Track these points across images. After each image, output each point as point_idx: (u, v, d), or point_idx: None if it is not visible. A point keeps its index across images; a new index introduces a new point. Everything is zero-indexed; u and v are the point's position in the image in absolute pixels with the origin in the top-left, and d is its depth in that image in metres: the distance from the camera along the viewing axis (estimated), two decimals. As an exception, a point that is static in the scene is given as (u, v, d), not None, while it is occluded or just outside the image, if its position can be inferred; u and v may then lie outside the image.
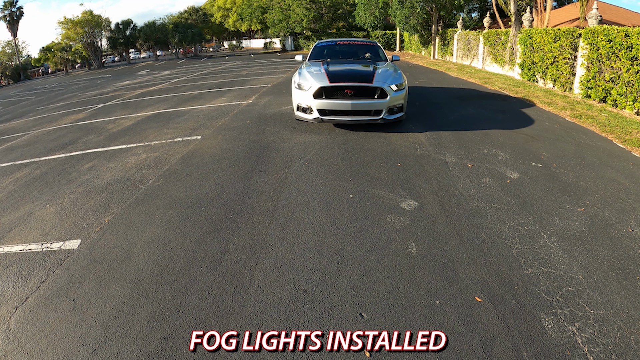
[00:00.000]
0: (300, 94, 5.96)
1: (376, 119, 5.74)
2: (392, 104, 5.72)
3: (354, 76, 5.95)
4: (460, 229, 3.13)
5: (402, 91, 5.83)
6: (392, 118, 5.84)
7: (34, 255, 3.14)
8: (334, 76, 5.85)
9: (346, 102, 5.66)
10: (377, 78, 5.74)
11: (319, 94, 5.75)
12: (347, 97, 5.72)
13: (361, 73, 6.09)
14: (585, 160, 4.55)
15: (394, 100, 5.71)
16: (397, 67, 6.59)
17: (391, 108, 5.76)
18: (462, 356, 1.99)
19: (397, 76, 6.00)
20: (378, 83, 5.62)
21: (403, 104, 5.93)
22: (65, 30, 39.35)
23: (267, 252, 2.94)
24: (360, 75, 5.94)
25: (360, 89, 5.68)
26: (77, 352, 2.14)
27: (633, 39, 6.69)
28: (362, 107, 5.69)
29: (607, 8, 18.22)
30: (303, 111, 6.06)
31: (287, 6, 33.14)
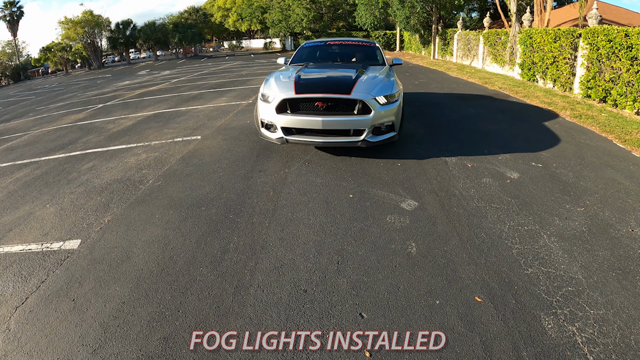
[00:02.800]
0: (264, 107, 4.74)
1: (355, 140, 4.43)
2: (378, 122, 4.43)
3: (329, 85, 4.69)
4: (460, 229, 3.13)
5: (394, 105, 4.57)
6: (378, 140, 4.50)
7: (34, 255, 3.14)
8: (302, 85, 4.63)
9: (315, 119, 4.37)
10: (359, 87, 4.48)
11: (283, 107, 4.56)
12: (318, 113, 4.44)
13: (339, 81, 4.80)
14: (585, 160, 4.55)
15: (381, 116, 4.43)
16: (392, 73, 5.41)
17: (377, 127, 4.50)
18: (462, 356, 1.99)
19: (388, 84, 4.74)
20: (358, 94, 4.37)
21: (394, 122, 4.59)
22: (65, 30, 39.36)
23: (267, 252, 2.94)
24: (336, 84, 4.67)
25: (336, 102, 4.42)
26: (77, 352, 2.14)
27: (633, 39, 6.69)
28: (336, 125, 4.39)
29: (607, 8, 18.22)
30: (267, 128, 4.84)
31: (287, 6, 33.13)
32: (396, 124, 4.66)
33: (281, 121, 4.55)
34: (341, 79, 4.86)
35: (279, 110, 4.56)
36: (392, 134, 4.66)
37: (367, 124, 4.40)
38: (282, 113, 4.55)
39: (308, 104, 4.50)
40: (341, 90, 4.44)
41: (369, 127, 4.42)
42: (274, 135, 4.72)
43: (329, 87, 4.59)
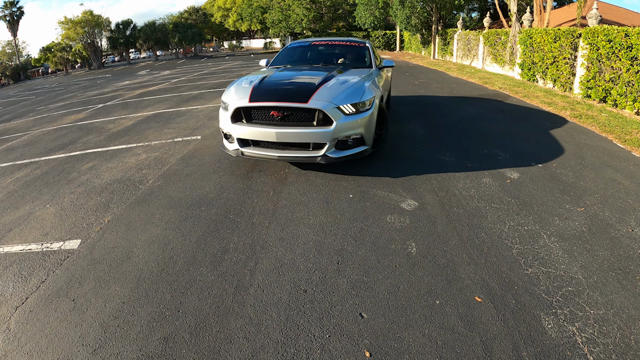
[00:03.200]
0: (222, 115, 4.32)
1: (314, 156, 3.88)
2: (341, 134, 3.86)
3: (286, 92, 4.14)
4: (460, 229, 3.13)
5: (364, 114, 3.97)
6: (343, 156, 3.94)
7: (34, 255, 3.14)
8: (258, 93, 4.13)
9: (269, 131, 3.90)
10: (321, 95, 3.92)
11: (238, 116, 4.15)
12: (274, 123, 3.96)
13: (299, 87, 4.26)
14: (585, 160, 4.55)
15: (345, 128, 3.85)
16: (374, 76, 4.81)
17: (342, 140, 3.93)
18: (462, 356, 1.99)
19: (358, 90, 4.10)
20: (317, 102, 3.81)
21: (363, 135, 4.00)
22: (66, 30, 39.39)
23: (267, 252, 2.94)
24: (294, 91, 4.13)
25: (293, 111, 3.91)
26: (77, 352, 2.14)
27: (633, 39, 6.69)
28: (291, 137, 3.88)
29: (607, 8, 18.22)
30: (226, 139, 4.41)
31: (287, 6, 33.14)
32: (367, 137, 4.06)
33: (236, 132, 4.12)
34: (303, 85, 4.26)
35: (234, 120, 4.15)
36: (362, 148, 4.07)
37: (327, 137, 3.80)
38: (237, 123, 4.14)
39: (263, 114, 4.02)
40: (298, 98, 3.89)
41: (330, 140, 3.83)
42: (231, 146, 4.32)
43: (285, 95, 4.03)
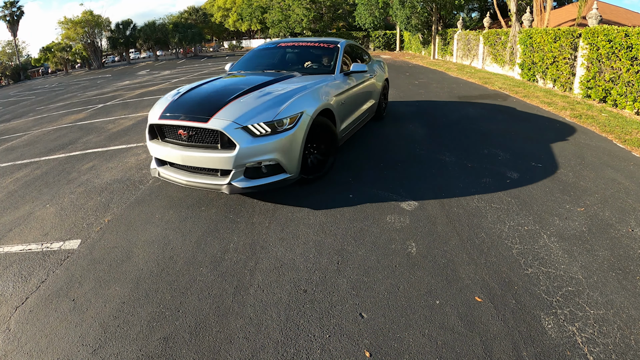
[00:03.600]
0: None
1: (219, 184, 3.33)
2: (248, 160, 3.24)
3: (193, 108, 3.54)
4: (460, 229, 3.13)
5: (282, 135, 3.30)
6: (253, 185, 3.32)
7: (34, 255, 3.14)
8: (173, 107, 3.64)
9: (176, 152, 3.45)
10: (227, 111, 3.33)
11: (153, 133, 3.74)
12: (181, 144, 3.49)
13: (209, 101, 3.60)
14: (585, 160, 4.54)
15: (253, 152, 3.22)
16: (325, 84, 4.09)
17: (253, 168, 3.32)
18: (462, 356, 1.99)
19: (279, 104, 3.41)
20: (218, 121, 3.24)
21: (279, 160, 3.33)
22: (66, 30, 39.39)
23: (267, 252, 2.94)
24: (200, 106, 3.52)
25: (197, 131, 3.39)
26: (77, 352, 2.14)
27: (633, 39, 6.69)
28: (195, 161, 3.38)
29: (607, 8, 18.22)
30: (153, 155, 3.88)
31: (287, 6, 33.13)
32: (286, 163, 3.38)
33: (152, 150, 3.73)
34: (213, 100, 3.62)
35: (151, 136, 3.75)
36: (281, 177, 3.40)
37: (230, 163, 3.21)
38: (153, 140, 3.74)
39: (173, 132, 3.56)
40: (200, 116, 3.34)
41: (234, 167, 3.24)
42: (152, 165, 3.90)
43: (190, 112, 3.46)
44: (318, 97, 3.83)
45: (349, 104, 4.67)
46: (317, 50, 5.26)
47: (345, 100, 4.51)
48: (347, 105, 4.59)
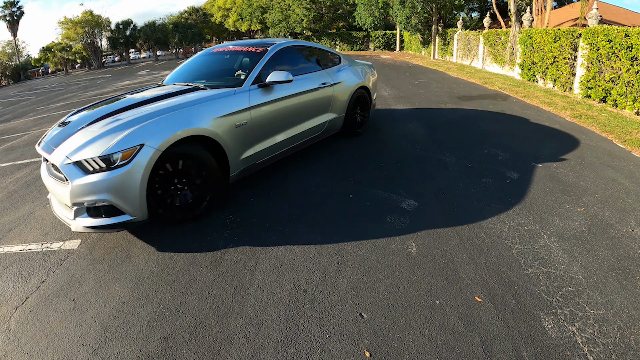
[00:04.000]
0: None
1: (69, 220, 3.00)
2: (81, 199, 2.83)
3: (55, 136, 3.23)
4: (460, 229, 3.13)
5: (115, 172, 2.79)
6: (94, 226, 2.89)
7: (34, 255, 3.14)
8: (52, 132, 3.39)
9: (45, 179, 3.23)
10: (71, 141, 2.99)
11: None
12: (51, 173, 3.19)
13: (67, 128, 3.24)
14: (585, 160, 4.54)
15: (83, 191, 2.80)
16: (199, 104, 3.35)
17: (93, 206, 2.86)
18: (462, 356, 1.99)
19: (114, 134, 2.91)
20: (57, 155, 2.94)
21: (112, 202, 2.83)
22: (66, 30, 39.40)
23: (267, 252, 2.94)
24: (59, 135, 3.20)
25: None
26: (77, 352, 2.14)
27: (633, 39, 6.69)
28: (54, 193, 3.13)
29: (607, 8, 18.22)
30: None
31: (287, 6, 33.13)
32: (124, 205, 2.86)
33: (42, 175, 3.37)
34: (71, 126, 3.24)
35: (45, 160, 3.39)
36: (120, 219, 2.90)
37: (67, 199, 2.87)
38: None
39: None
40: (52, 146, 3.08)
41: (72, 204, 2.88)
42: None
43: (50, 139, 3.20)
44: (179, 122, 3.10)
45: (265, 124, 3.82)
46: (245, 56, 4.47)
47: (255, 119, 3.68)
48: (260, 126, 3.76)
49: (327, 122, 4.94)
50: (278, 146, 4.11)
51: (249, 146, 3.70)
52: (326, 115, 4.93)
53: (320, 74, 4.87)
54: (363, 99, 5.67)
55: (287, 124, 4.22)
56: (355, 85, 5.35)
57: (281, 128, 4.14)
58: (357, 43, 32.23)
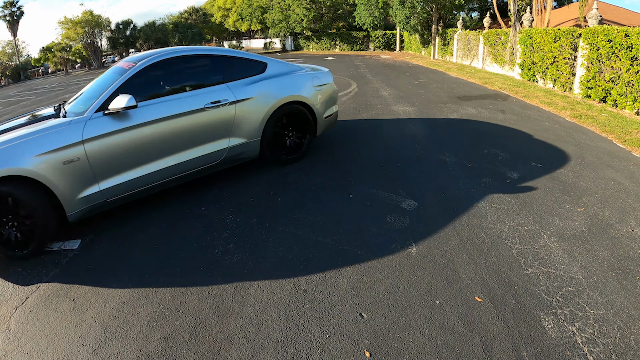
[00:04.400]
0: None
1: None
2: None
3: None
4: (460, 229, 3.13)
5: None
6: None
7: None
8: None
9: None
10: None
11: None
12: None
13: None
14: (585, 160, 4.54)
15: None
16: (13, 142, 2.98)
17: None
18: (462, 356, 1.99)
19: None
20: None
21: None
22: (66, 30, 39.41)
23: (267, 252, 2.94)
24: None
25: None
26: (77, 352, 2.14)
27: (633, 39, 6.69)
28: None
29: (607, 8, 18.22)
30: None
31: (287, 6, 33.13)
32: None
33: None
34: None
35: None
36: None
37: None
38: None
39: None
40: None
41: None
42: None
43: None
44: None
45: (113, 156, 3.32)
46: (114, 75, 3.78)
47: (94, 153, 3.21)
48: (105, 160, 3.29)
49: (228, 150, 4.02)
50: (143, 180, 3.50)
51: (90, 183, 3.23)
52: (225, 140, 3.99)
53: (215, 89, 3.94)
54: (299, 117, 4.57)
55: (154, 154, 3.56)
56: (277, 100, 4.27)
57: (144, 160, 3.51)
58: (357, 43, 32.23)
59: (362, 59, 21.55)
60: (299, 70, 4.80)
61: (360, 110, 7.70)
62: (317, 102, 4.70)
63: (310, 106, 4.63)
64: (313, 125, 4.76)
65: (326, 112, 4.91)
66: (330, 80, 5.03)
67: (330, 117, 5.01)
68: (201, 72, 4.07)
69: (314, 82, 4.75)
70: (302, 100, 4.52)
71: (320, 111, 4.77)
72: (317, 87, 4.76)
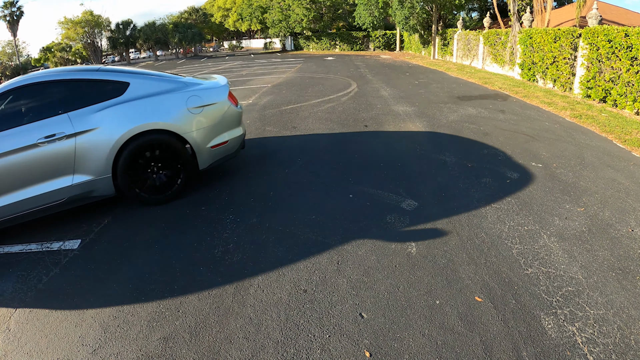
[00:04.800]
0: None
1: None
2: None
3: None
4: (460, 229, 3.13)
5: None
6: None
7: (34, 255, 3.13)
8: None
9: None
10: None
11: None
12: None
13: None
14: (585, 160, 4.54)
15: None
16: None
17: None
18: (462, 356, 1.99)
19: None
20: None
21: None
22: (66, 30, 39.38)
23: (267, 251, 2.94)
24: None
25: None
26: (77, 352, 2.14)
27: (633, 39, 6.69)
28: None
29: (607, 8, 18.21)
30: None
31: (287, 6, 33.14)
32: None
33: None
34: None
35: None
36: None
37: None
38: None
39: None
40: None
41: None
42: None
43: None
44: None
45: None
46: None
47: None
48: None
49: (72, 187, 3.49)
50: None
51: None
52: (68, 178, 3.47)
53: (54, 121, 3.42)
54: (167, 149, 3.76)
55: None
56: (126, 130, 3.54)
57: None
58: (357, 43, 32.23)
59: (362, 59, 21.55)
60: (177, 89, 3.89)
61: (360, 110, 7.70)
62: (192, 129, 3.80)
63: (182, 135, 3.75)
64: (190, 158, 3.84)
65: (214, 139, 3.93)
66: (220, 98, 4.02)
67: (222, 145, 4.00)
68: (45, 102, 3.60)
69: (189, 104, 3.82)
70: (166, 128, 3.69)
71: (200, 140, 3.84)
72: (195, 110, 3.83)
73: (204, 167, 3.96)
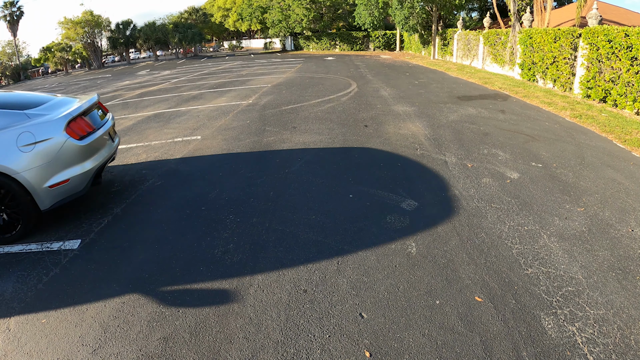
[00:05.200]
0: None
1: None
2: None
3: None
4: (460, 229, 3.13)
5: None
6: None
7: (34, 255, 3.13)
8: None
9: None
10: None
11: None
12: None
13: None
14: (585, 160, 4.54)
15: None
16: None
17: None
18: (462, 356, 1.99)
19: None
20: None
21: None
22: (66, 30, 39.37)
23: (267, 252, 2.94)
24: None
25: None
26: (77, 352, 2.14)
27: (633, 39, 6.69)
28: None
29: (607, 8, 18.21)
30: None
31: (287, 6, 33.13)
32: None
33: None
34: None
35: None
36: None
37: None
38: None
39: None
40: None
41: None
42: None
43: None
44: None
45: None
46: None
47: None
48: None
49: None
50: None
51: None
52: None
53: None
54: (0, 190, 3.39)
55: None
56: None
57: None
58: (357, 43, 32.22)
59: (362, 59, 21.54)
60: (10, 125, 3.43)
61: (360, 110, 7.70)
62: (23, 169, 3.35)
63: (12, 176, 3.34)
64: (27, 199, 3.42)
65: (52, 179, 3.48)
66: (54, 133, 3.51)
67: (62, 184, 3.54)
68: None
69: (20, 142, 3.38)
70: None
71: (33, 181, 3.39)
72: (25, 148, 3.38)
73: (45, 208, 3.51)
